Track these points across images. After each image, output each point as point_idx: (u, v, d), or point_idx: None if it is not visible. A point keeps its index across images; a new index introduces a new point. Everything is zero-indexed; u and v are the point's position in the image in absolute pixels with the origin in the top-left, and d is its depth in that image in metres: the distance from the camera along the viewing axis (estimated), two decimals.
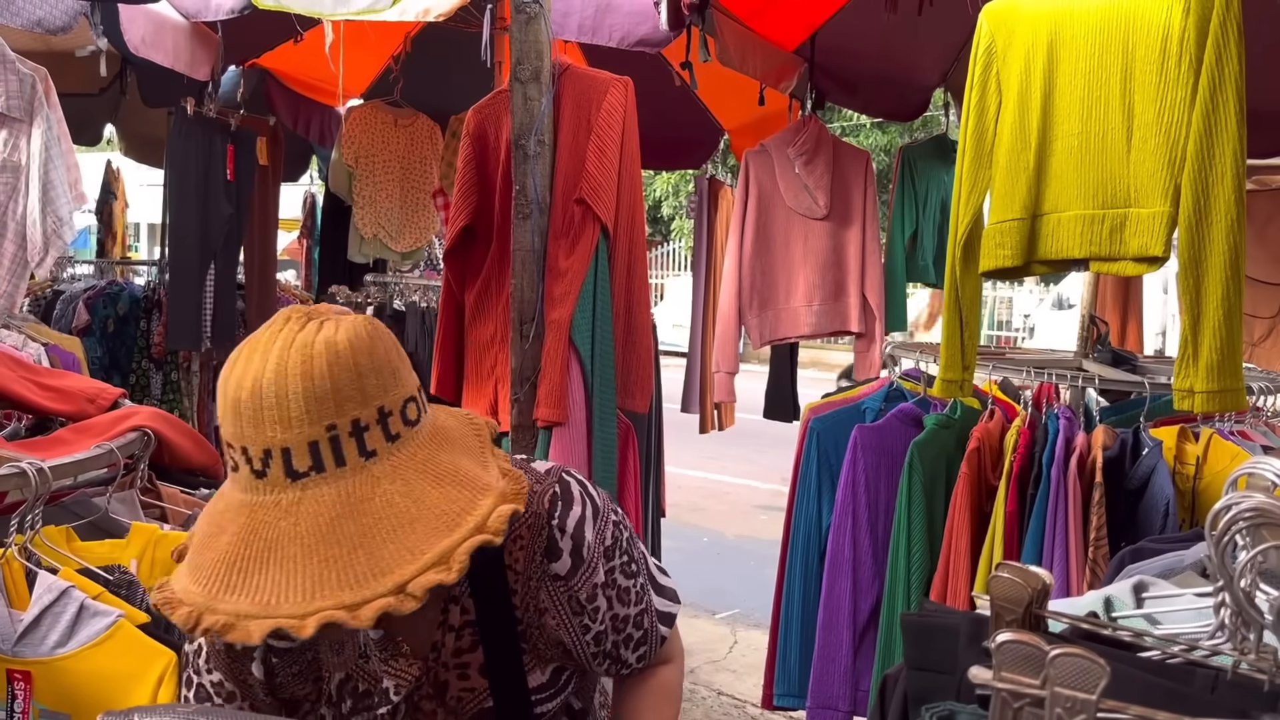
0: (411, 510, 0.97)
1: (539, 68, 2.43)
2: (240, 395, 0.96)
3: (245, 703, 1.16)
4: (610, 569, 1.20)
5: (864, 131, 15.14)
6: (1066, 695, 0.73)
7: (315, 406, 0.95)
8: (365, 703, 1.17)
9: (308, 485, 0.95)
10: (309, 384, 0.95)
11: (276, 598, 0.92)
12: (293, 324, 0.99)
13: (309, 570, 0.92)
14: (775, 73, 3.46)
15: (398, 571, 0.93)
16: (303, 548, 0.93)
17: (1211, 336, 1.79)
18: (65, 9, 2.75)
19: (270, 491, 0.96)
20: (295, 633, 0.90)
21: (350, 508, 0.95)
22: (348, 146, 4.20)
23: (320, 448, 0.95)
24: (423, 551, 0.94)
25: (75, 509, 1.55)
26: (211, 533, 0.98)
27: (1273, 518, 0.81)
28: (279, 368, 0.95)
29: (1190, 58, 1.78)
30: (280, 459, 0.95)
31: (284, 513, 0.95)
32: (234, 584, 0.93)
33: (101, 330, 4.27)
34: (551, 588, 1.17)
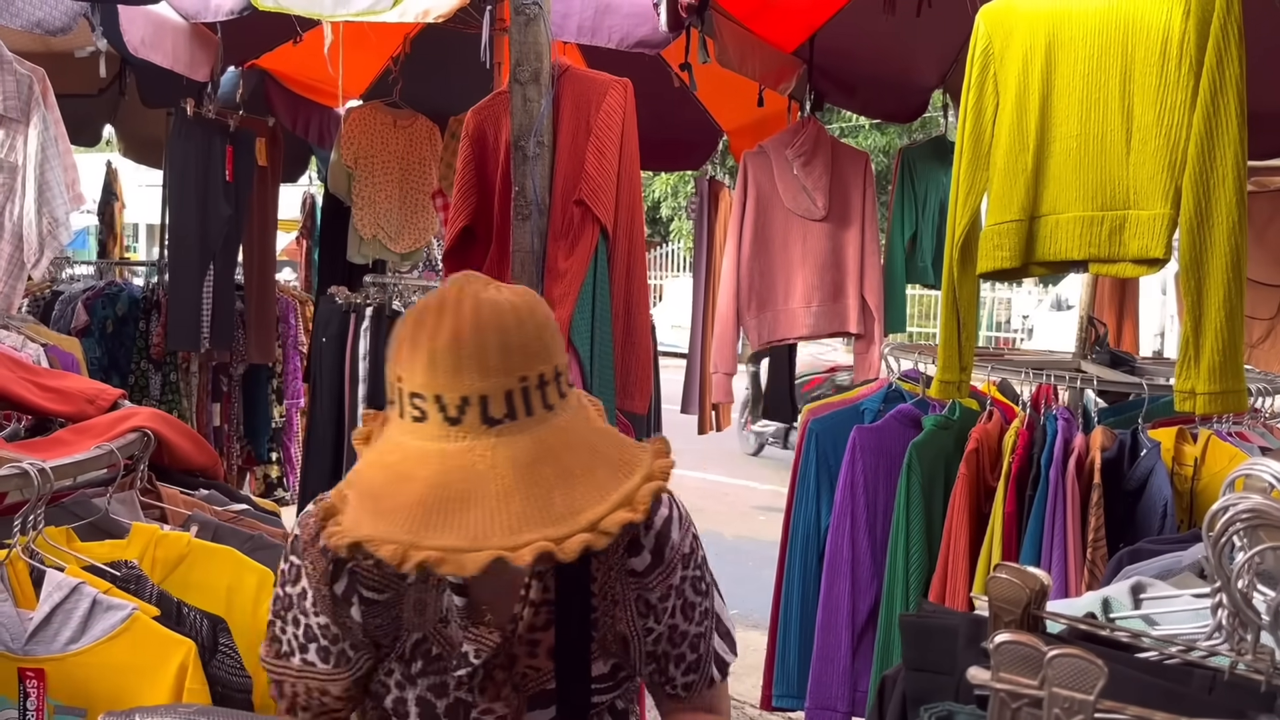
0: (590, 458, 1.05)
1: (538, 69, 2.43)
2: (436, 346, 1.01)
3: (346, 642, 1.22)
4: (684, 577, 1.23)
5: (863, 133, 15.16)
6: (1064, 696, 0.73)
7: (511, 358, 1.02)
8: (436, 665, 1.22)
9: (502, 432, 1.02)
10: (505, 337, 1.02)
11: (484, 532, 0.97)
12: (474, 285, 1.07)
13: (512, 508, 0.98)
14: (774, 74, 3.46)
15: (590, 510, 1.00)
16: (502, 487, 0.99)
17: (1213, 338, 1.79)
18: (65, 10, 2.75)
19: (464, 438, 1.02)
20: (512, 561, 0.96)
21: (543, 453, 1.02)
22: (347, 147, 4.19)
23: (514, 397, 1.02)
24: (609, 493, 1.02)
25: (75, 510, 1.55)
26: (393, 479, 1.03)
27: (1270, 519, 0.81)
28: (475, 321, 1.02)
29: (1191, 60, 1.78)
30: (477, 406, 1.01)
31: (479, 457, 1.01)
32: (435, 523, 0.98)
33: (100, 331, 4.27)
34: (626, 582, 1.22)
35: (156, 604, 1.37)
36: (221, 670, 1.38)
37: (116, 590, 1.35)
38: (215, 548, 1.55)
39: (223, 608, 1.50)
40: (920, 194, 4.06)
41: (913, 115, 4.08)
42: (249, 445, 4.73)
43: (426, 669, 1.23)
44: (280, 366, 4.82)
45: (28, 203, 2.71)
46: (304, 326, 4.82)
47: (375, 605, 1.22)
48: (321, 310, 3.86)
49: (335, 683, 1.24)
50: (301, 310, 4.84)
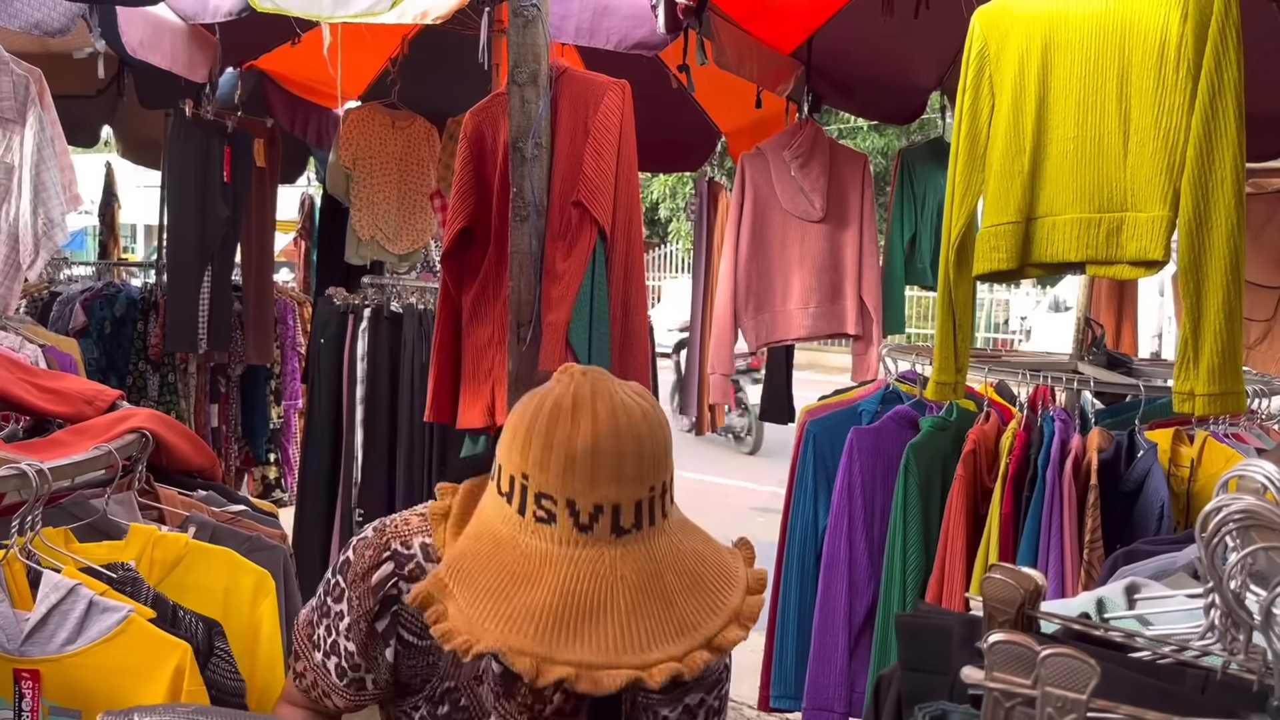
0: (700, 569, 1.06)
1: (536, 70, 2.44)
2: (574, 449, 1.01)
3: (369, 674, 1.25)
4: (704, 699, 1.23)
5: (861, 134, 15.17)
6: (1057, 695, 0.73)
7: (645, 468, 1.02)
8: (461, 715, 1.24)
9: (628, 542, 1.02)
10: (640, 446, 1.02)
11: (618, 647, 0.98)
12: (605, 384, 1.06)
13: (642, 623, 1.00)
14: (772, 76, 3.47)
15: (706, 625, 1.02)
16: (630, 601, 1.00)
17: (1213, 339, 1.79)
18: (63, 11, 2.76)
19: (593, 546, 1.01)
20: (645, 681, 0.97)
21: (664, 564, 1.03)
22: (345, 148, 4.20)
23: (642, 507, 1.03)
24: (719, 608, 1.04)
25: (73, 511, 1.55)
26: (515, 581, 1.02)
27: (1262, 520, 0.81)
28: (614, 429, 1.02)
29: (1189, 64, 1.79)
30: (610, 515, 1.01)
31: (610, 566, 1.01)
32: (568, 635, 0.98)
33: (98, 332, 4.27)
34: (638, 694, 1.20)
35: (152, 606, 1.37)
36: (216, 674, 1.38)
37: (113, 592, 1.35)
38: (213, 549, 1.55)
39: (220, 609, 1.50)
40: (919, 195, 4.06)
41: (911, 117, 4.09)
42: (247, 446, 4.73)
43: (453, 715, 1.24)
44: (278, 368, 4.82)
45: (23, 203, 2.72)
46: (302, 328, 4.83)
47: (413, 649, 1.24)
48: (320, 311, 3.86)
49: (341, 697, 1.27)
50: (300, 311, 4.85)
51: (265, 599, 1.53)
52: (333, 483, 3.81)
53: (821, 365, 14.21)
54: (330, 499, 3.81)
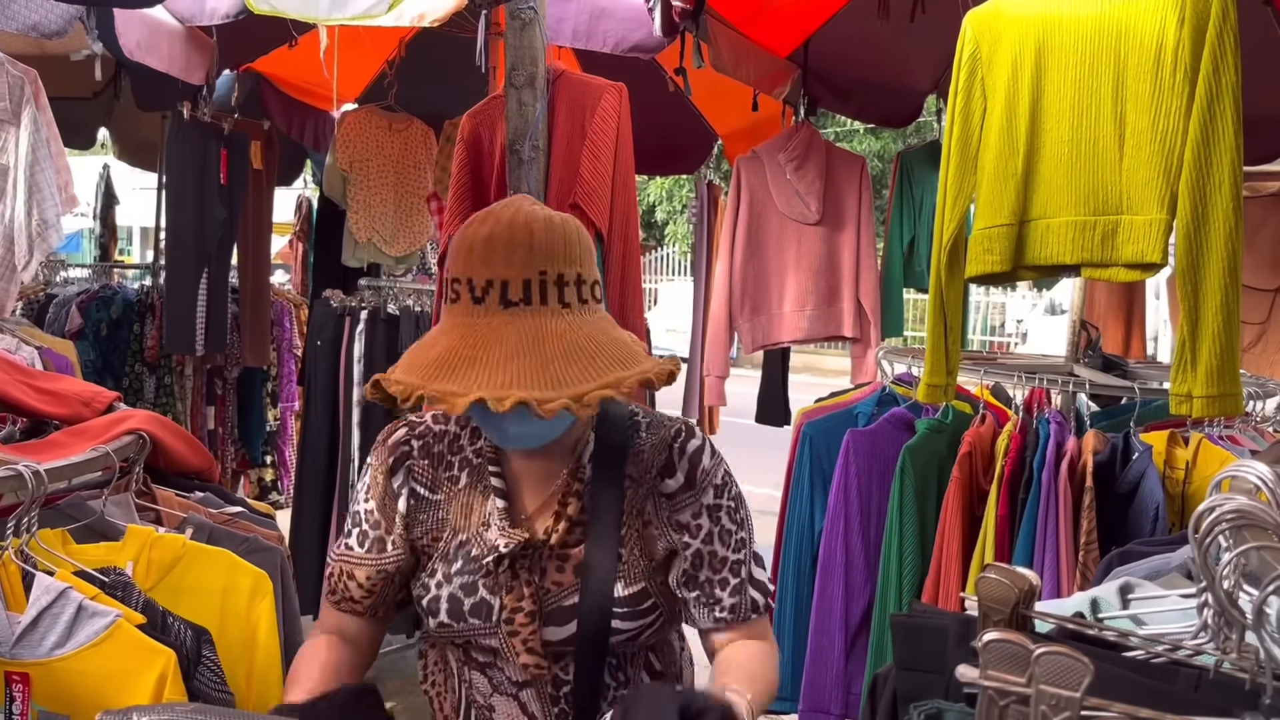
0: (593, 349, 1.19)
1: (533, 73, 2.44)
2: (476, 239, 1.21)
3: (389, 535, 1.37)
4: (718, 504, 1.34)
5: (858, 137, 15.19)
6: (1051, 693, 0.74)
7: (533, 255, 1.19)
8: (472, 565, 1.33)
9: (516, 313, 1.18)
10: (532, 237, 1.20)
11: (480, 385, 1.13)
12: (523, 202, 1.26)
13: (509, 370, 1.15)
14: (769, 79, 3.48)
15: (578, 385, 1.15)
16: (504, 354, 1.16)
17: (1210, 342, 1.80)
18: (60, 13, 2.76)
19: (485, 315, 1.19)
20: (493, 406, 1.11)
21: (546, 334, 1.18)
22: (342, 151, 4.20)
23: (531, 286, 1.19)
24: (600, 376, 1.17)
25: (70, 512, 1.55)
26: (426, 344, 1.22)
27: (1255, 520, 0.82)
28: (513, 221, 1.21)
29: (1185, 68, 1.79)
30: (499, 289, 1.19)
31: (493, 330, 1.18)
32: (444, 375, 1.16)
33: (95, 334, 4.27)
34: (657, 503, 1.33)
35: (143, 612, 1.36)
36: (203, 683, 1.38)
37: (104, 596, 1.35)
38: (210, 550, 1.55)
39: (217, 610, 1.51)
40: (918, 198, 4.07)
41: (907, 120, 4.10)
42: (243, 448, 4.73)
43: (464, 568, 1.33)
44: (275, 370, 4.82)
45: (18, 205, 2.72)
46: (299, 330, 4.83)
47: (424, 503, 1.37)
48: (316, 314, 3.86)
49: (361, 568, 1.37)
50: (296, 313, 4.85)
51: (262, 600, 1.53)
52: (329, 485, 3.81)
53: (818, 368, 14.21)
54: (327, 501, 3.80)
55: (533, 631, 1.28)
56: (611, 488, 1.32)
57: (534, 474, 1.35)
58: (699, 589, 1.33)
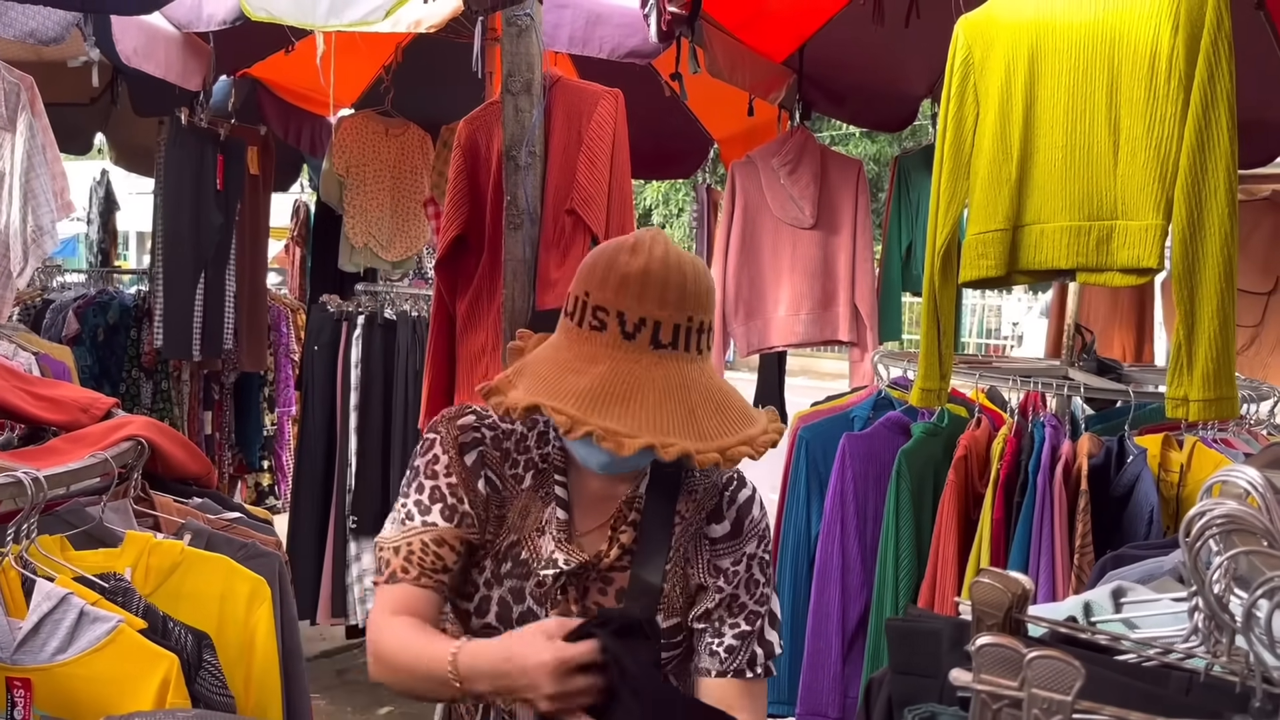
0: (726, 401, 1.23)
1: (530, 80, 2.45)
2: (630, 271, 1.20)
3: (474, 510, 1.35)
4: (754, 555, 1.37)
5: (853, 140, 15.21)
6: (1043, 696, 0.75)
7: (687, 299, 1.21)
8: (521, 569, 1.35)
9: (664, 356, 1.20)
10: (686, 281, 1.21)
11: (639, 427, 1.15)
12: (663, 236, 1.25)
13: (663, 415, 1.17)
14: (764, 84, 3.48)
15: (721, 439, 1.18)
16: (657, 397, 1.18)
17: (1207, 345, 1.80)
18: (58, 20, 2.77)
19: (634, 351, 1.19)
20: (660, 454, 1.14)
21: (691, 382, 1.20)
22: (339, 156, 4.21)
23: (680, 330, 1.21)
24: (736, 432, 1.20)
25: (69, 518, 1.55)
26: (565, 371, 1.21)
27: (1244, 524, 0.83)
28: (665, 259, 1.21)
29: (1180, 75, 1.80)
30: (651, 329, 1.19)
31: (643, 369, 1.19)
32: (600, 409, 1.16)
33: (92, 339, 4.27)
34: (700, 544, 1.36)
35: (143, 617, 1.37)
36: (204, 688, 1.38)
37: (104, 602, 1.35)
38: (208, 556, 1.55)
39: (215, 616, 1.51)
40: (914, 202, 4.07)
41: (902, 124, 4.11)
42: (240, 453, 4.73)
43: (513, 571, 1.35)
44: (272, 375, 4.82)
45: (13, 211, 2.72)
46: (296, 335, 4.83)
47: (494, 493, 1.37)
48: (313, 318, 3.87)
49: (454, 536, 1.33)
50: (293, 318, 4.85)
51: (261, 605, 1.53)
52: (327, 489, 3.81)
53: (815, 371, 14.22)
54: (324, 506, 3.81)
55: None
56: (663, 521, 1.34)
57: (595, 493, 1.37)
58: (709, 624, 1.35)
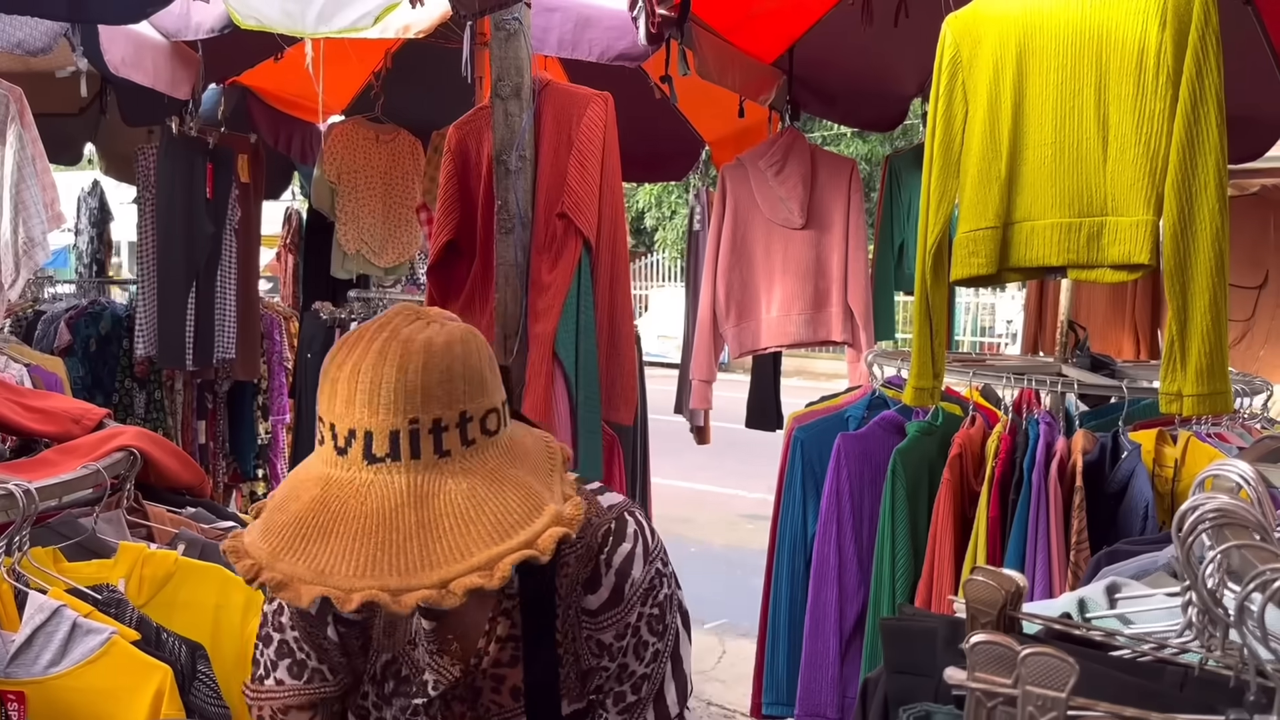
0: (470, 512, 1.01)
1: (519, 84, 2.45)
2: (339, 375, 1.03)
3: (324, 663, 1.23)
4: (642, 614, 1.20)
5: (844, 141, 15.24)
6: (1038, 694, 0.75)
7: (403, 399, 1.01)
8: (404, 688, 1.23)
9: (380, 470, 1.01)
10: (402, 376, 1.01)
11: (330, 568, 0.97)
12: (400, 319, 1.07)
13: (365, 549, 0.98)
14: (754, 85, 3.49)
15: (445, 568, 0.97)
16: (363, 527, 0.99)
17: (1199, 341, 1.81)
18: (45, 30, 2.76)
19: (346, 469, 1.02)
20: (339, 604, 0.96)
21: (415, 499, 1.00)
22: (329, 163, 4.20)
23: (400, 438, 1.01)
24: (472, 554, 0.99)
25: (61, 530, 1.54)
26: (288, 497, 1.05)
27: (1236, 518, 0.83)
28: (379, 357, 1.02)
29: (1169, 71, 1.80)
30: (362, 440, 1.01)
31: (355, 492, 1.01)
32: (296, 548, 0.99)
33: (84, 350, 4.26)
34: (579, 620, 1.20)
35: (137, 628, 1.37)
36: (198, 699, 1.38)
37: (98, 614, 1.35)
38: (203, 565, 1.55)
39: (210, 625, 1.51)
40: (905, 201, 4.08)
41: (892, 124, 4.11)
42: (235, 462, 4.72)
43: (398, 689, 1.24)
44: (265, 383, 4.81)
45: (3, 223, 2.72)
46: (289, 342, 4.82)
47: (351, 625, 1.24)
48: (306, 326, 3.87)
49: (298, 697, 1.23)
50: (286, 326, 4.84)
51: (256, 615, 1.53)
52: None
53: (808, 371, 14.24)
54: None
55: None
56: (542, 602, 1.19)
57: None
58: (598, 695, 1.23)
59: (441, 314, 1.10)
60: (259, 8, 2.82)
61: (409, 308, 1.10)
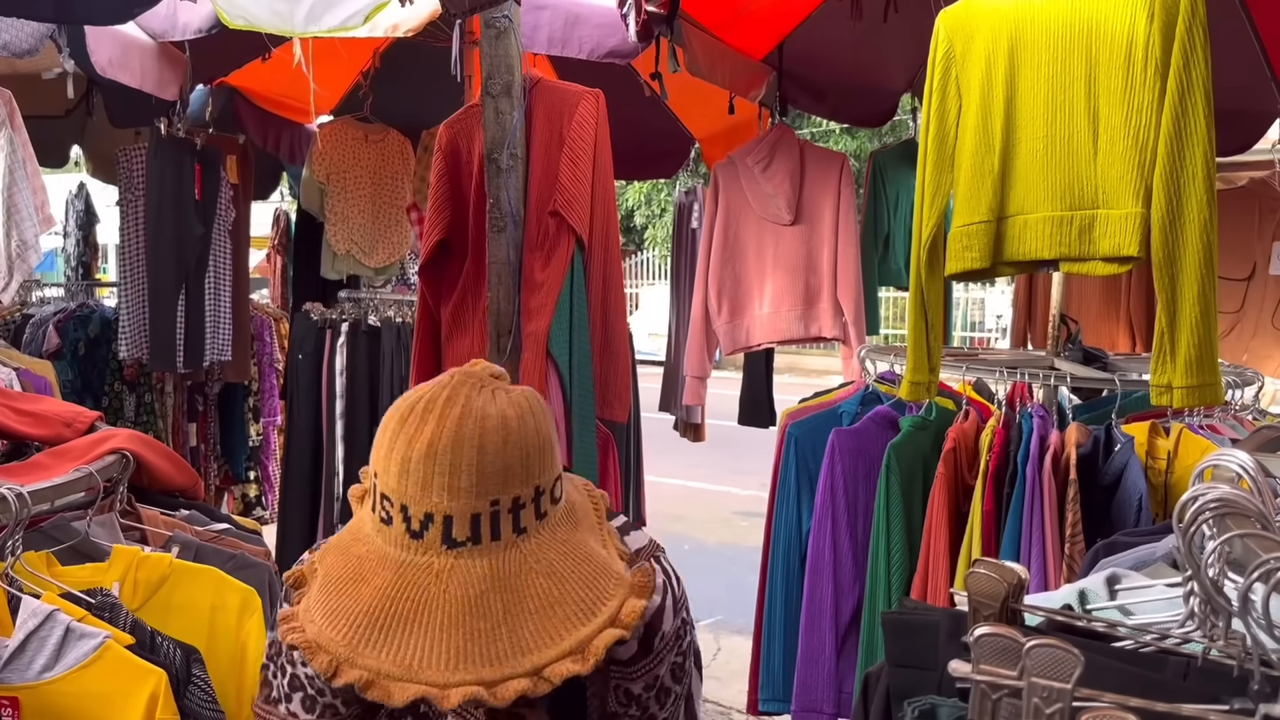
0: (554, 593, 0.99)
1: (510, 82, 2.44)
2: (411, 455, 0.97)
3: (337, 698, 1.18)
4: (667, 663, 1.20)
5: (833, 137, 15.26)
6: (1043, 685, 0.74)
7: (484, 481, 0.97)
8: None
9: (461, 555, 0.97)
10: (483, 457, 0.97)
11: (420, 662, 0.94)
12: (467, 389, 1.01)
13: (454, 641, 0.95)
14: (744, 82, 3.49)
15: (537, 654, 0.95)
16: (449, 616, 0.96)
17: (1189, 333, 1.82)
18: (31, 32, 2.74)
19: (423, 553, 0.98)
20: (437, 703, 0.93)
21: (499, 583, 0.97)
22: (318, 163, 4.19)
23: (481, 521, 0.98)
24: (562, 637, 0.97)
25: (54, 534, 1.53)
26: (350, 578, 1.00)
27: (1237, 508, 0.83)
28: (456, 436, 0.97)
29: (1156, 63, 1.81)
30: (440, 525, 0.97)
31: (435, 578, 0.97)
32: (376, 640, 0.96)
33: (73, 353, 4.24)
34: (610, 669, 1.18)
35: (131, 632, 1.36)
36: (193, 702, 1.37)
37: (91, 618, 1.34)
38: (197, 568, 1.54)
39: (206, 628, 1.50)
40: (892, 197, 4.08)
41: (882, 119, 4.12)
42: (226, 464, 4.70)
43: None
44: (256, 384, 4.79)
45: None
46: (279, 344, 4.80)
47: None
48: (297, 327, 3.85)
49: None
50: (276, 327, 4.82)
51: (251, 617, 1.52)
52: (314, 499, 3.79)
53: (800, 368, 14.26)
54: (312, 515, 3.79)
55: None
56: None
57: None
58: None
59: (501, 375, 1.07)
60: (247, 7, 2.80)
61: (471, 374, 1.05)
